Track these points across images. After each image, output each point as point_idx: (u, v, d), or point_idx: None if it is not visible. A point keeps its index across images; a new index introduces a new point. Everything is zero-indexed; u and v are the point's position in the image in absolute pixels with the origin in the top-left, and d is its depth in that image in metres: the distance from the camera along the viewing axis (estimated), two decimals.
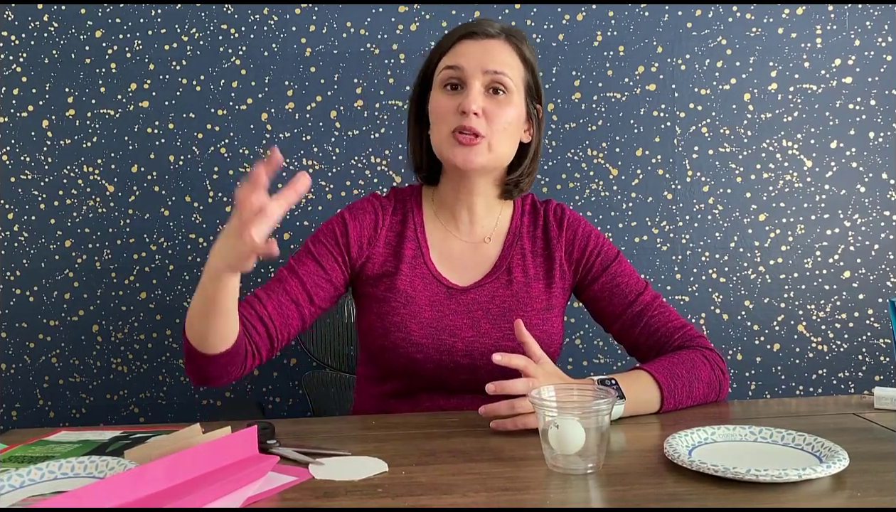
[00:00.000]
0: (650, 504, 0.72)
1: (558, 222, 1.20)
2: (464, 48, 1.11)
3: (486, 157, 1.09)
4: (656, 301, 1.17)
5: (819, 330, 1.72)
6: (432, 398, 1.15)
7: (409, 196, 1.22)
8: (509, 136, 1.12)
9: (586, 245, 1.19)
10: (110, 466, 0.79)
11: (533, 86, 1.15)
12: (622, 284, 1.17)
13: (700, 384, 1.08)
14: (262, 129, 1.69)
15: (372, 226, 1.17)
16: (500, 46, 1.11)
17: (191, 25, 1.68)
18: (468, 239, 1.19)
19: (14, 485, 0.77)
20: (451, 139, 1.09)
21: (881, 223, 1.71)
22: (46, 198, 1.69)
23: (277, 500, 0.75)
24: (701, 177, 1.71)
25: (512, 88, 1.10)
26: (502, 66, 1.09)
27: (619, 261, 1.19)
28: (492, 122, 1.08)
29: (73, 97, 1.68)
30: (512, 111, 1.10)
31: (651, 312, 1.16)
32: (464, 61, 1.09)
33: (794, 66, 1.70)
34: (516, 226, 1.20)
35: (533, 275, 1.17)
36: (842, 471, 0.77)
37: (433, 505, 0.73)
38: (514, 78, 1.11)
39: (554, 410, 0.82)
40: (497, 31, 1.12)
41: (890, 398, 1.06)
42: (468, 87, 1.08)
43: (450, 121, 1.09)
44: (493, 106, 1.09)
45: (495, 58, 1.09)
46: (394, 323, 1.12)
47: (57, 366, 1.71)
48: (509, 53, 1.12)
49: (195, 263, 1.70)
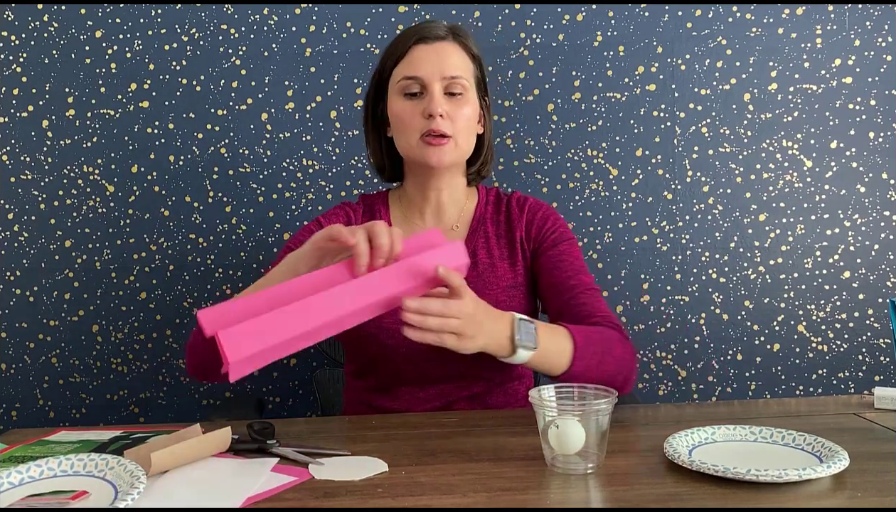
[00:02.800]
0: (650, 504, 0.72)
1: (520, 207, 1.26)
2: (419, 54, 1.16)
3: (455, 154, 1.17)
4: (594, 289, 1.18)
5: (819, 330, 1.72)
6: (412, 391, 1.19)
7: (376, 199, 1.30)
8: (470, 131, 1.19)
9: (544, 223, 1.24)
10: (110, 465, 0.79)
11: (482, 80, 1.22)
12: (567, 261, 1.20)
13: (612, 359, 1.05)
14: (262, 129, 1.69)
15: (345, 224, 1.22)
16: (451, 49, 1.17)
17: (191, 25, 1.68)
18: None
19: (13, 482, 0.78)
20: (421, 143, 1.15)
21: (881, 223, 1.71)
22: (46, 198, 1.69)
23: (277, 500, 0.75)
24: (701, 177, 1.71)
25: (467, 87, 1.17)
26: (457, 70, 1.16)
27: (571, 244, 1.23)
28: (455, 122, 1.15)
29: (73, 97, 1.68)
30: (469, 109, 1.17)
31: (586, 296, 1.16)
32: (422, 69, 1.15)
33: (794, 66, 1.70)
34: (480, 213, 1.26)
35: (497, 256, 1.22)
36: (842, 471, 0.78)
37: (433, 505, 0.73)
38: (468, 78, 1.18)
39: (554, 410, 0.82)
40: (445, 32, 1.18)
41: (890, 398, 1.06)
42: (430, 93, 1.15)
43: (416, 126, 1.15)
44: (453, 107, 1.15)
45: (450, 62, 1.16)
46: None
47: (57, 366, 1.71)
48: (460, 55, 1.18)
49: (195, 262, 1.70)
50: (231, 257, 1.71)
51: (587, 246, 1.71)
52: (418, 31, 1.17)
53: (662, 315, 1.73)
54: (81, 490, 0.75)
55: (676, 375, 1.73)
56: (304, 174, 1.70)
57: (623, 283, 1.72)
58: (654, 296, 1.72)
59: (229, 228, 1.70)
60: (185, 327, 1.71)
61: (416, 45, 1.16)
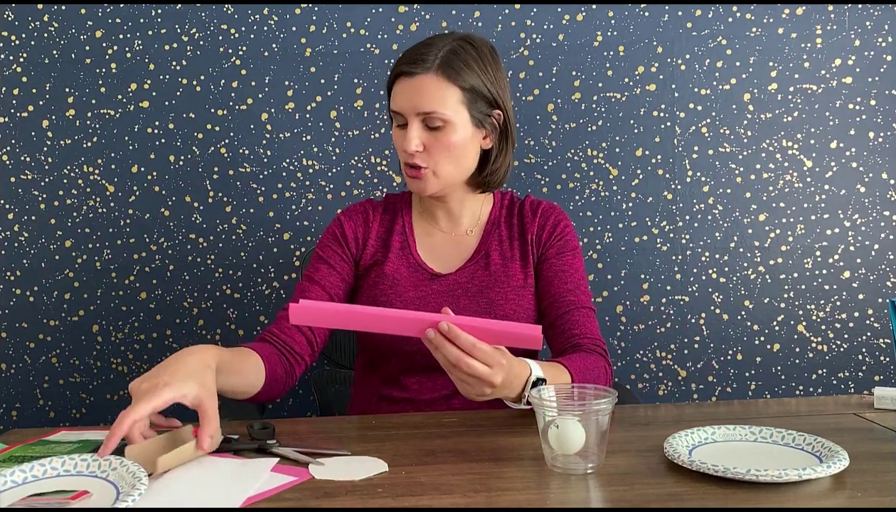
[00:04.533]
0: (650, 504, 0.72)
1: (533, 210, 1.28)
2: (399, 88, 1.16)
3: (435, 182, 1.18)
4: (589, 308, 1.21)
5: (819, 330, 1.72)
6: (420, 381, 1.21)
7: (399, 199, 1.33)
8: (455, 158, 1.17)
9: (554, 228, 1.26)
10: (112, 465, 0.79)
11: (480, 98, 1.17)
12: (568, 273, 1.23)
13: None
14: (262, 129, 1.69)
15: (363, 222, 1.28)
16: (430, 82, 1.13)
17: (191, 25, 1.68)
18: (451, 233, 1.28)
19: (17, 481, 0.78)
20: (406, 170, 1.19)
21: (881, 223, 1.71)
22: (46, 198, 1.69)
23: (277, 500, 0.75)
24: (701, 177, 1.71)
25: (448, 119, 1.14)
26: (432, 105, 1.13)
27: (575, 255, 1.25)
28: (432, 154, 1.16)
29: (73, 97, 1.68)
30: (453, 137, 1.15)
31: (580, 314, 1.19)
32: (400, 105, 1.15)
33: (794, 66, 1.70)
34: (495, 217, 1.29)
35: (510, 256, 1.25)
36: (842, 471, 0.78)
37: (433, 505, 0.73)
38: (450, 108, 1.14)
39: (554, 410, 0.82)
40: (431, 62, 1.13)
41: (890, 398, 1.06)
42: (408, 127, 1.15)
43: (402, 155, 1.18)
44: (431, 139, 1.15)
45: (426, 97, 1.13)
46: (381, 303, 1.21)
47: (57, 366, 1.71)
48: (440, 87, 1.13)
49: (195, 262, 1.70)
50: (231, 257, 1.71)
51: (587, 246, 1.71)
52: (404, 62, 1.15)
53: (662, 315, 1.73)
54: (82, 490, 0.75)
55: (676, 375, 1.73)
56: (304, 174, 1.70)
57: (623, 283, 1.72)
58: (654, 296, 1.72)
59: (229, 228, 1.70)
60: (185, 327, 1.71)
61: (398, 79, 1.16)
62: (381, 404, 1.23)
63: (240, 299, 1.71)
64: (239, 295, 1.71)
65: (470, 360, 0.87)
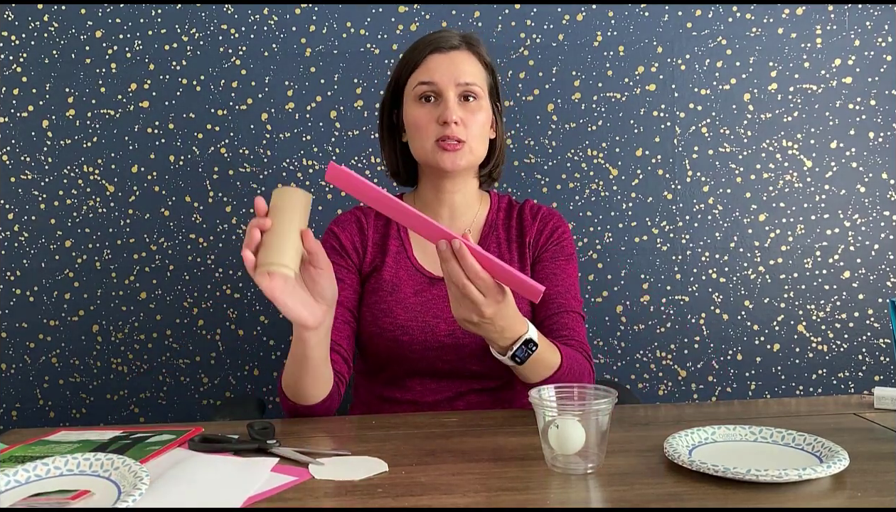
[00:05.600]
0: (650, 504, 0.73)
1: (533, 214, 1.29)
2: (434, 63, 1.19)
3: (469, 158, 1.20)
4: (579, 314, 1.22)
5: (819, 330, 1.72)
6: (423, 383, 1.21)
7: None
8: (484, 137, 1.23)
9: (552, 233, 1.27)
10: (115, 464, 0.79)
11: (494, 87, 1.26)
12: (561, 277, 1.23)
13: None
14: (262, 129, 1.69)
15: (358, 230, 1.28)
16: (465, 57, 1.21)
17: (191, 25, 1.68)
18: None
19: (20, 480, 0.78)
20: (436, 147, 1.18)
21: (881, 223, 1.71)
22: (46, 198, 1.69)
23: (277, 500, 0.75)
24: (701, 177, 1.71)
25: (481, 95, 1.21)
26: (471, 77, 1.20)
27: (570, 262, 1.26)
28: (469, 128, 1.19)
29: (73, 97, 1.68)
30: (482, 115, 1.21)
31: (569, 317, 1.20)
32: (437, 76, 1.18)
33: (794, 66, 1.70)
34: (492, 219, 1.29)
35: (508, 260, 1.26)
36: (842, 471, 0.78)
37: (433, 505, 0.73)
38: (481, 85, 1.21)
39: (554, 410, 0.82)
40: (458, 42, 1.22)
41: (890, 398, 1.06)
42: (445, 99, 1.18)
43: (431, 131, 1.18)
44: (467, 113, 1.19)
45: (464, 70, 1.19)
46: (381, 310, 1.21)
47: (57, 366, 1.71)
48: (473, 63, 1.22)
49: (195, 262, 1.70)
50: (231, 257, 1.71)
51: (587, 246, 1.71)
52: (433, 41, 1.21)
53: (662, 315, 1.73)
54: (83, 489, 0.75)
55: (676, 375, 1.73)
56: (304, 174, 1.70)
57: (623, 283, 1.72)
58: (654, 296, 1.72)
59: (229, 228, 1.70)
60: (185, 327, 1.71)
61: (431, 54, 1.20)
62: (384, 405, 1.23)
63: (240, 299, 1.71)
64: (239, 295, 1.71)
65: (467, 281, 0.90)
